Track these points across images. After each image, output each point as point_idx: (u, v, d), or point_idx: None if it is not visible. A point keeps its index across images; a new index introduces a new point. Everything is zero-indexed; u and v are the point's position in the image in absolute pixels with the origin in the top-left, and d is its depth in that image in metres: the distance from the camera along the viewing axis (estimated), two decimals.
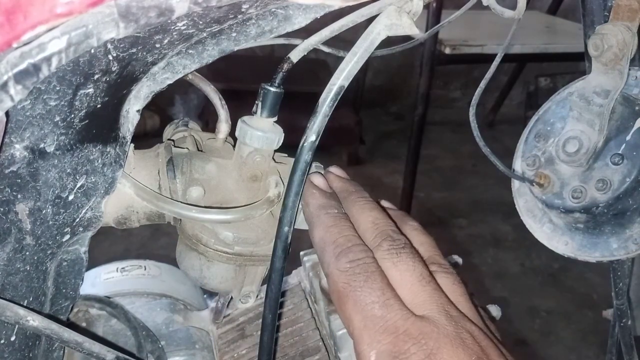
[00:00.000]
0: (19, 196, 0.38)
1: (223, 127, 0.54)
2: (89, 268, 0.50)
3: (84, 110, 0.38)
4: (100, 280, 0.68)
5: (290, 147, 0.49)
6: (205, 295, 0.72)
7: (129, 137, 0.46)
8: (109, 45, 0.34)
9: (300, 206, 0.46)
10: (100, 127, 0.42)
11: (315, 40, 0.44)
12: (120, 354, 0.43)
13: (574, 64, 2.88)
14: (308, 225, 0.48)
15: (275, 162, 0.52)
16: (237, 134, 0.50)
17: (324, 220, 0.46)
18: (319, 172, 0.52)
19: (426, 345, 0.38)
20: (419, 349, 0.38)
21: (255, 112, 0.48)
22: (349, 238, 0.44)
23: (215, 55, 0.43)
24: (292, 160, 0.44)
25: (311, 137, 0.41)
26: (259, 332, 0.47)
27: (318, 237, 0.45)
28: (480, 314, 0.44)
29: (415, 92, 2.46)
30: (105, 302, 0.61)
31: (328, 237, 0.44)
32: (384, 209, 0.49)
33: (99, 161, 0.43)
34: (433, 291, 0.42)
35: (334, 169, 0.53)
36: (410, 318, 0.40)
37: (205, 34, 0.41)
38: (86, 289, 0.64)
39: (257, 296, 0.57)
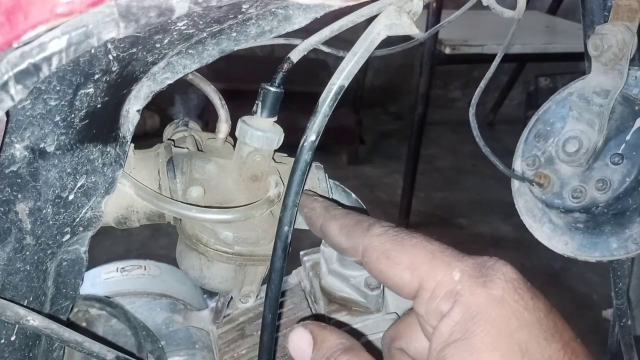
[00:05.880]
0: (19, 196, 0.38)
1: (223, 127, 0.54)
2: (89, 268, 0.50)
3: (84, 110, 0.38)
4: (100, 280, 0.68)
5: (290, 147, 0.49)
6: (205, 295, 0.72)
7: (129, 137, 0.46)
8: (109, 45, 0.34)
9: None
10: (100, 127, 0.42)
11: (315, 40, 0.44)
12: (120, 354, 0.43)
13: (574, 64, 2.88)
14: (316, 227, 0.46)
15: (275, 162, 0.52)
16: (237, 133, 0.49)
17: (338, 213, 0.45)
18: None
19: (505, 261, 0.39)
20: (500, 261, 0.39)
21: (255, 112, 0.48)
22: (370, 217, 0.44)
23: (215, 55, 0.43)
24: (292, 160, 0.44)
25: (311, 137, 0.41)
26: (259, 332, 0.47)
27: (337, 226, 0.44)
28: None
29: (415, 92, 2.47)
30: (105, 302, 0.61)
31: (349, 221, 0.44)
32: None
33: (99, 161, 0.43)
34: None
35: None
36: None
37: (205, 34, 0.41)
38: (86, 289, 0.64)
39: (257, 296, 0.57)
